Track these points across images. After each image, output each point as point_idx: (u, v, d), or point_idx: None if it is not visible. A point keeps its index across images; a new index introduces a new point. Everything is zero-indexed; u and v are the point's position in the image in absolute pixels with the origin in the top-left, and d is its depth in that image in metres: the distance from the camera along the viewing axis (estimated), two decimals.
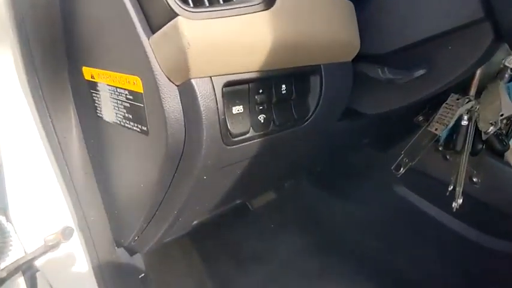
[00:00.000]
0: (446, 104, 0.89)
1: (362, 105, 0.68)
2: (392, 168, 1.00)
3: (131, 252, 0.77)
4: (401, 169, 0.97)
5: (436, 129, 0.91)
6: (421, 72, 0.57)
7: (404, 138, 1.02)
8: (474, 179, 0.94)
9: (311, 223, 1.30)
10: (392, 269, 1.10)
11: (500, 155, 0.89)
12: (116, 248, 0.73)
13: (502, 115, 0.80)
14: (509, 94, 0.84)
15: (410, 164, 0.96)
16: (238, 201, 0.78)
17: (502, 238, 0.94)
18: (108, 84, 0.47)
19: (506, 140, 0.84)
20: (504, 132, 0.85)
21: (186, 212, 0.57)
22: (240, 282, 1.12)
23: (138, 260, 0.85)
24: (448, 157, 0.99)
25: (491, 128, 0.80)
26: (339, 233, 1.25)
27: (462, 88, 0.89)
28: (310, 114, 0.58)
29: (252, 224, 1.28)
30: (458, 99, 0.87)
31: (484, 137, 0.82)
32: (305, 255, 1.21)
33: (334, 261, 1.18)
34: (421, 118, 0.99)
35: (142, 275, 0.88)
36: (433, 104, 0.94)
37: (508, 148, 0.85)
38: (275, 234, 1.27)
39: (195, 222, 0.69)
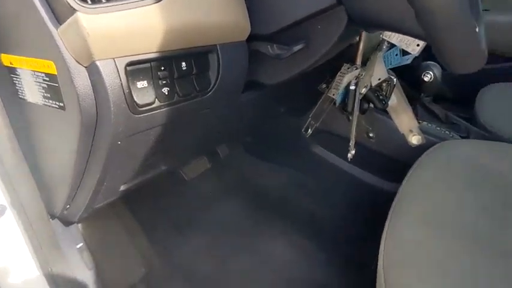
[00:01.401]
0: (340, 72, 1.05)
1: (260, 77, 0.80)
2: (302, 130, 1.15)
3: (66, 222, 0.85)
4: (309, 130, 1.13)
5: (333, 94, 1.06)
6: (299, 47, 0.70)
7: (314, 105, 1.18)
8: (370, 134, 1.11)
9: (246, 189, 1.41)
10: (314, 217, 1.27)
11: (385, 111, 1.07)
12: (51, 220, 0.81)
13: (379, 79, 0.97)
14: (385, 62, 1.00)
15: (316, 125, 1.11)
16: (164, 167, 0.88)
17: (391, 181, 1.14)
18: (26, 69, 0.56)
19: (385, 100, 1.01)
20: (385, 93, 1.02)
21: (109, 177, 0.67)
22: (180, 249, 1.19)
23: (74, 231, 0.93)
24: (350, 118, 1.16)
25: (364, 89, 0.97)
26: (271, 194, 1.39)
27: (352, 58, 1.04)
28: (211, 86, 0.70)
29: (188, 192, 1.36)
30: (348, 68, 1.03)
31: (360, 96, 0.98)
32: (242, 219, 1.31)
33: (269, 221, 1.30)
34: (324, 86, 1.14)
35: (81, 244, 0.95)
36: (333, 73, 1.10)
37: (387, 106, 1.02)
38: (212, 201, 1.35)
39: (122, 188, 0.78)
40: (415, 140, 1.04)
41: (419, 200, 0.77)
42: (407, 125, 1.05)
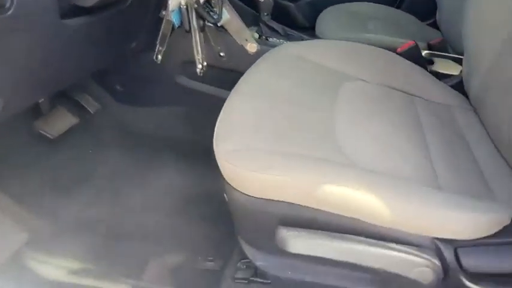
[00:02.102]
0: None
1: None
2: (153, 57, 1.17)
3: None
4: (159, 56, 1.15)
5: (170, 17, 1.09)
6: None
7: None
8: (221, 54, 1.18)
9: (127, 137, 1.40)
10: (197, 144, 1.30)
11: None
12: None
13: None
14: None
15: (163, 49, 1.14)
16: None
17: None
18: None
19: (217, 15, 1.09)
20: (216, 9, 1.09)
21: None
22: (67, 209, 1.16)
23: None
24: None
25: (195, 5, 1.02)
26: (153, 135, 1.40)
27: None
28: (8, 4, 0.68)
29: (63, 152, 1.32)
30: None
31: (192, 14, 1.03)
32: (128, 166, 1.31)
33: (156, 159, 1.32)
34: (163, 12, 1.16)
35: None
36: None
37: (220, 20, 1.08)
38: (93, 156, 1.33)
39: None
40: (251, 48, 1.13)
41: (250, 85, 0.85)
42: (242, 35, 1.13)
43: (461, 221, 0.64)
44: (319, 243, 0.66)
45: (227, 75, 1.25)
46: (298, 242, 0.66)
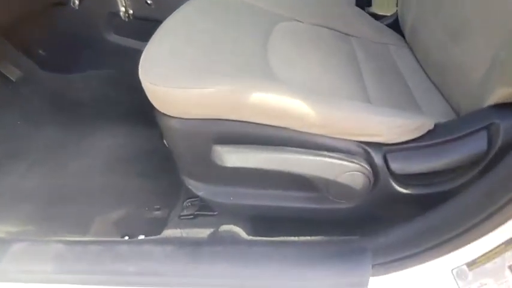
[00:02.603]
0: None
1: None
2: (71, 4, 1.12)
3: None
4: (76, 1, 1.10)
5: None
6: None
7: None
8: (148, 2, 1.14)
9: (59, 105, 1.36)
10: (134, 102, 1.27)
11: None
12: None
13: None
14: None
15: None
16: None
17: None
18: None
19: None
20: None
21: None
22: (1, 183, 1.12)
23: None
24: None
25: None
26: (87, 97, 1.36)
27: None
28: None
29: None
30: None
31: None
32: (66, 135, 1.26)
33: (93, 122, 1.28)
34: None
35: None
36: None
37: None
38: (22, 129, 1.28)
39: None
40: None
41: (177, 21, 0.84)
42: None
43: (386, 124, 0.67)
44: (253, 155, 0.67)
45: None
46: (234, 156, 0.67)
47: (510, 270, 0.54)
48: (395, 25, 1.10)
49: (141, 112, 0.83)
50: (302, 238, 0.74)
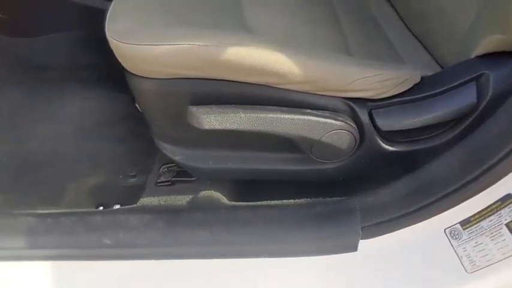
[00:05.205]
0: None
1: None
2: None
3: None
4: None
5: None
6: None
7: None
8: None
9: (19, 71, 1.26)
10: (96, 66, 1.20)
11: None
12: None
13: None
14: None
15: None
16: None
17: None
18: None
19: None
20: None
21: None
22: None
23: None
24: None
25: None
26: (51, 63, 1.27)
27: None
28: None
29: None
30: None
31: None
32: (27, 104, 1.19)
33: (58, 86, 1.22)
34: None
35: None
36: None
37: None
38: None
39: None
40: None
41: None
42: None
43: (372, 78, 0.62)
44: (232, 115, 0.62)
45: None
46: (211, 117, 0.62)
47: (507, 228, 0.52)
48: None
49: (113, 76, 0.78)
50: (286, 201, 0.71)
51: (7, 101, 1.19)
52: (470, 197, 0.56)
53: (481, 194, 0.55)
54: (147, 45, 0.60)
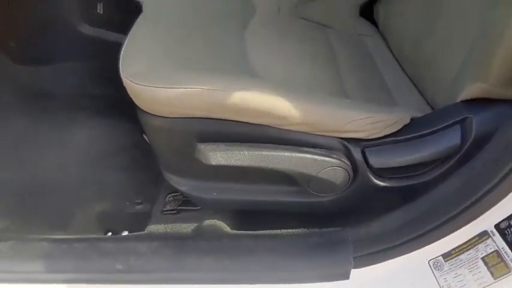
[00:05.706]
0: None
1: None
2: None
3: None
4: None
5: None
6: None
7: None
8: None
9: (26, 99, 1.30)
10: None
11: None
12: None
13: None
14: None
15: None
16: None
17: None
18: None
19: None
20: None
21: None
22: None
23: None
24: None
25: None
26: (60, 91, 1.32)
27: None
28: None
29: None
30: None
31: None
32: (32, 133, 1.22)
33: (66, 113, 1.26)
34: None
35: None
36: None
37: None
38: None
39: None
40: None
41: (156, 11, 0.83)
42: None
43: (366, 121, 0.68)
44: (237, 153, 0.68)
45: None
46: (218, 154, 0.68)
47: (483, 262, 0.58)
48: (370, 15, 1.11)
49: (119, 105, 0.82)
50: (284, 231, 0.76)
51: (15, 128, 1.22)
52: (452, 231, 0.62)
53: (461, 229, 0.61)
54: (161, 88, 0.66)
